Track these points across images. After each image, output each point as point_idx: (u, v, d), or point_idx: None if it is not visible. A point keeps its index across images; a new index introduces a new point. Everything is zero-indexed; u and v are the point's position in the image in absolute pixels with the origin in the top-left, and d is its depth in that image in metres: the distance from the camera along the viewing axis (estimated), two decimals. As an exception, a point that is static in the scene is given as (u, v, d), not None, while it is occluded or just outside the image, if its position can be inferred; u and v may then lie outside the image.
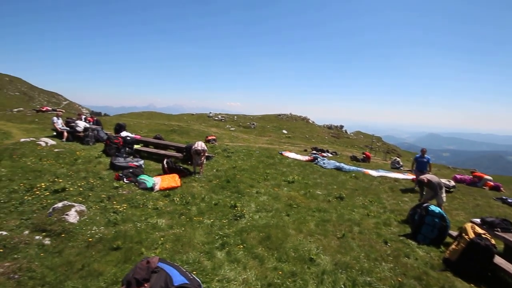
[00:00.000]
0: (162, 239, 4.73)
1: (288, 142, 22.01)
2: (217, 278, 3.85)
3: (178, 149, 11.37)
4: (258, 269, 4.20)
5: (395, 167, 15.34)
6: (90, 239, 4.44)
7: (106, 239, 4.53)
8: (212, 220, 5.77)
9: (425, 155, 9.74)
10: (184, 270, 3.31)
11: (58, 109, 22.20)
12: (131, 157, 10.05)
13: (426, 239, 5.48)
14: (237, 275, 3.99)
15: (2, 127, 15.06)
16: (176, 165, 9.01)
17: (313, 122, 49.38)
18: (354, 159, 17.39)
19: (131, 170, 8.17)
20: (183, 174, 8.57)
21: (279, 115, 46.87)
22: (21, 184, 6.45)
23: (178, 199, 6.74)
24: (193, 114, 38.36)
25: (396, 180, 11.02)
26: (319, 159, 13.86)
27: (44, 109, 22.41)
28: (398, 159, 16.95)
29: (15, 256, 3.84)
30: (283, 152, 15.45)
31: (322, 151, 19.57)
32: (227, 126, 30.30)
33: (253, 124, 32.42)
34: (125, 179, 7.64)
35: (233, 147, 14.73)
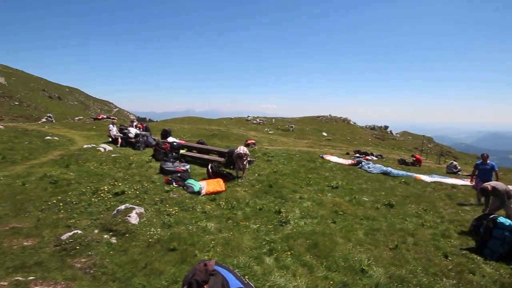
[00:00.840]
0: (212, 242, 4.93)
1: (329, 145, 21.45)
2: (268, 284, 3.90)
3: (220, 154, 11.76)
4: (307, 277, 4.17)
5: (452, 172, 14.07)
6: (150, 240, 4.80)
7: (163, 240, 4.86)
8: (258, 225, 5.86)
9: (488, 161, 8.60)
10: (239, 275, 3.42)
11: (112, 117, 24.34)
12: (178, 161, 10.65)
13: (494, 255, 4.95)
14: (288, 282, 4.00)
15: (67, 134, 16.92)
16: (219, 169, 9.35)
17: (355, 123, 47.47)
18: (402, 162, 16.35)
19: (179, 175, 8.64)
20: (226, 178, 8.83)
21: (318, 116, 45.87)
22: (88, 187, 7.19)
23: (223, 204, 6.96)
24: (232, 118, 39.28)
25: (453, 186, 10.12)
26: (363, 163, 13.31)
27: (100, 117, 24.72)
28: (455, 162, 15.54)
29: (89, 253, 4.30)
30: (324, 156, 15.12)
31: (366, 154, 18.73)
32: (266, 129, 30.44)
33: (292, 126, 32.08)
34: (174, 183, 8.11)
35: (272, 150, 14.80)
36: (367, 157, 17.33)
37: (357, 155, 17.76)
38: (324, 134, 33.69)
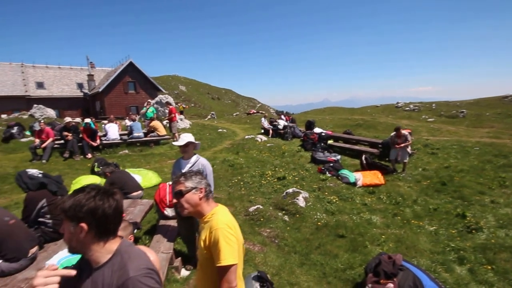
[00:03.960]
0: (383, 236, 4.67)
1: (529, 134, 15.80)
2: (466, 297, 3.30)
3: (371, 144, 10.97)
4: (525, 304, 3.24)
5: None
6: (318, 223, 5.07)
7: (330, 226, 5.01)
8: (435, 228, 5.08)
9: None
10: (433, 277, 3.06)
11: (261, 111, 27.48)
12: (326, 151, 10.73)
13: None
14: (494, 301, 3.25)
15: (230, 127, 20.39)
16: (374, 161, 8.73)
17: None
18: None
19: (331, 165, 8.68)
20: (384, 171, 8.14)
21: (505, 97, 33.41)
22: (256, 171, 8.35)
23: (385, 198, 6.46)
24: (377, 106, 35.36)
25: None
26: None
27: (251, 112, 28.43)
28: None
29: (271, 225, 4.99)
30: (520, 150, 11.33)
31: None
32: (423, 116, 25.39)
33: (462, 112, 25.06)
34: (327, 173, 8.22)
35: (436, 142, 12.46)
36: None
37: None
38: (519, 119, 24.83)
